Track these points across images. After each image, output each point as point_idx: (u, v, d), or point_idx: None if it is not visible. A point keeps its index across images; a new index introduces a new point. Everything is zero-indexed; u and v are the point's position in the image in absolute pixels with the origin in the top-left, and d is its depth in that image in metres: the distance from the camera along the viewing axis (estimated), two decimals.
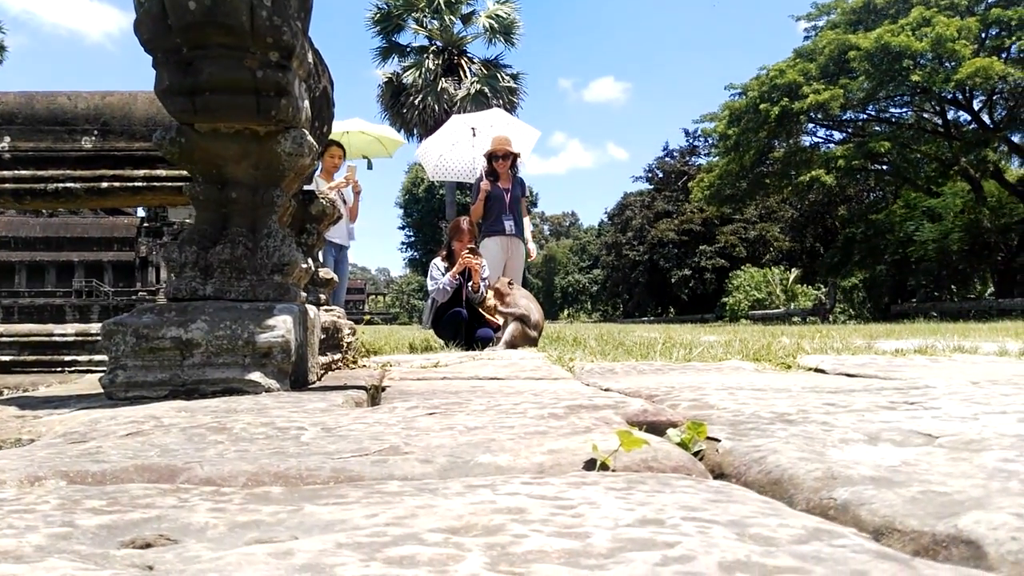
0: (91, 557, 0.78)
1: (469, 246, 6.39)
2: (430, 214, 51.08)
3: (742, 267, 38.05)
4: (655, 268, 44.15)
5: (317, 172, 7.59)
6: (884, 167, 31.06)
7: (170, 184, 4.68)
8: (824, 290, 34.17)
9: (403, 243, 57.60)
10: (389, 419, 1.84)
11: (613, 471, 1.30)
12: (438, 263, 6.50)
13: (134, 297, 21.49)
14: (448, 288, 6.23)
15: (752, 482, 1.25)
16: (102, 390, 3.13)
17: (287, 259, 3.15)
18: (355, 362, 4.73)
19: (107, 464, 1.34)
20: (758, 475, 1.27)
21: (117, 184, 4.63)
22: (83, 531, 0.87)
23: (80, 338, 5.28)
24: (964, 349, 4.33)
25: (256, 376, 2.85)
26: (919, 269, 27.60)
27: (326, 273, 4.78)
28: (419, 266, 57.28)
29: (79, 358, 5.20)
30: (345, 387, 3.10)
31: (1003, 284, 25.58)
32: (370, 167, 9.45)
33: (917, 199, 29.21)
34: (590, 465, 1.34)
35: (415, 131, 30.41)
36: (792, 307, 32.48)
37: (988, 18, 23.73)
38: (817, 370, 3.60)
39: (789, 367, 3.80)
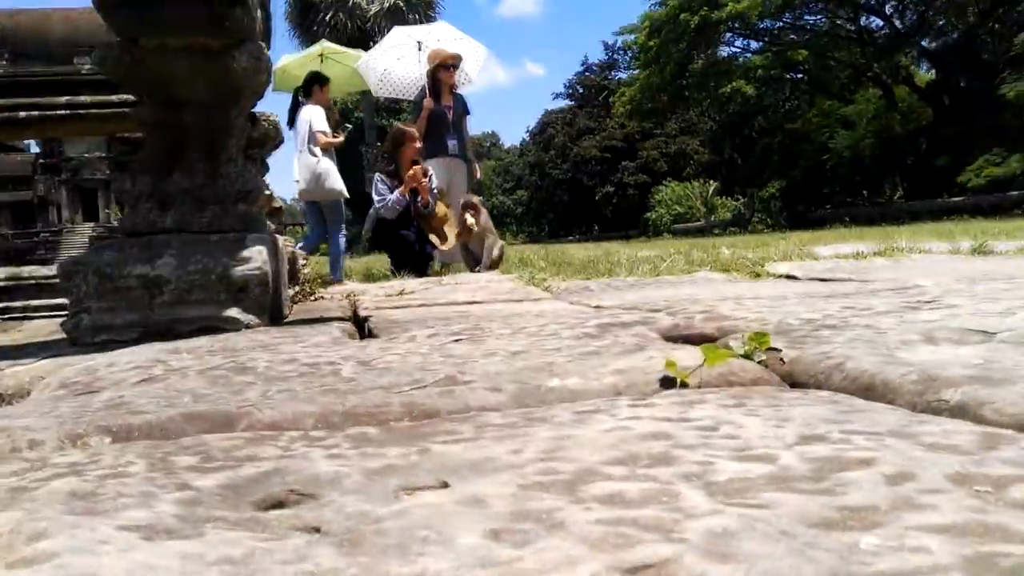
0: (243, 523, 0.68)
1: (414, 158, 6.15)
2: (346, 139, 49.49)
3: (664, 182, 38.47)
4: (579, 186, 44.17)
5: (309, 104, 7.08)
6: (800, 76, 31.57)
7: (96, 111, 4.33)
8: (743, 201, 34.97)
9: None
10: (419, 348, 1.75)
11: (697, 387, 1.25)
12: (383, 177, 6.23)
13: (35, 239, 20.33)
14: (398, 207, 6.03)
15: (839, 388, 1.22)
16: (57, 336, 2.94)
17: (251, 186, 2.97)
18: (313, 293, 4.58)
19: (148, 415, 1.22)
20: (843, 382, 1.24)
21: (36, 113, 4.27)
22: (208, 494, 0.77)
23: (11, 283, 4.91)
24: (919, 250, 4.47)
25: (234, 312, 2.70)
26: (834, 176, 28.46)
27: (276, 201, 4.57)
28: None
29: (12, 304, 4.86)
30: (324, 319, 2.97)
31: (912, 188, 26.64)
32: None
33: (831, 107, 29.88)
34: (666, 383, 1.29)
35: None
36: (713, 219, 33.15)
37: None
38: (789, 276, 3.65)
39: (759, 275, 3.84)
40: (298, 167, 6.93)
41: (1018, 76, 20.42)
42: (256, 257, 2.70)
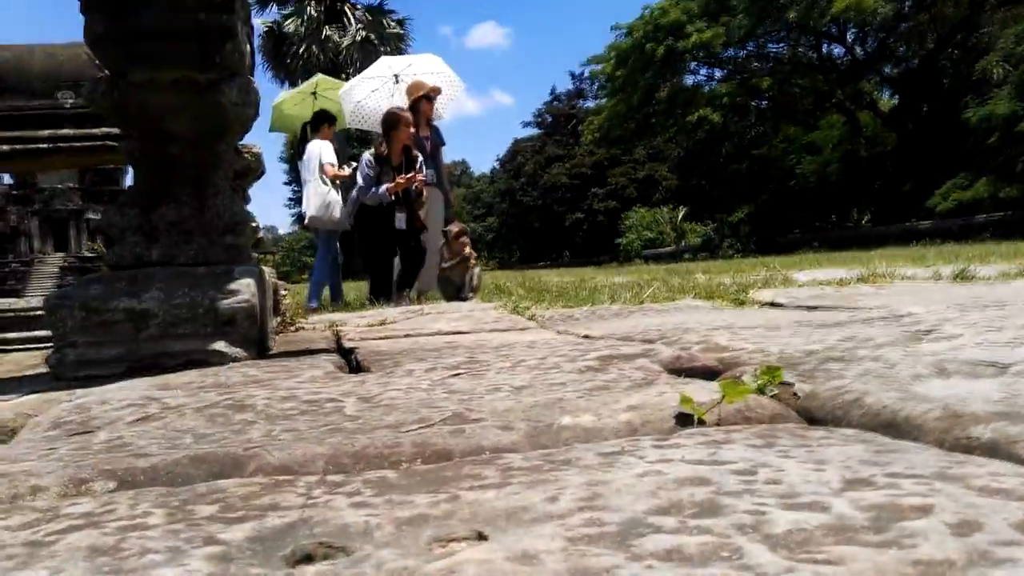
0: None
1: (406, 143, 6.08)
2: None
3: (633, 208, 38.82)
4: (549, 213, 44.47)
5: (316, 139, 7.36)
6: (765, 103, 32.16)
7: (79, 145, 4.27)
8: (712, 226, 35.37)
9: (290, 199, 55.32)
10: (420, 384, 1.72)
11: (717, 424, 1.23)
12: (369, 158, 6.06)
13: (7, 269, 19.98)
14: (380, 200, 5.90)
15: (860, 425, 1.21)
16: (40, 371, 2.86)
17: (239, 218, 2.92)
18: (293, 323, 4.51)
19: (153, 458, 1.18)
20: (864, 418, 1.23)
21: (19, 147, 4.19)
22: (237, 548, 0.73)
23: None
24: (901, 276, 4.52)
25: (221, 345, 2.64)
26: (801, 201, 28.92)
27: (259, 232, 4.51)
28: None
29: None
30: (311, 351, 2.92)
31: (879, 212, 27.12)
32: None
33: (796, 133, 30.44)
34: (682, 420, 1.27)
35: (299, 83, 29.08)
36: (683, 244, 33.47)
37: None
38: (773, 304, 3.66)
39: (743, 303, 3.84)
40: (308, 196, 7.17)
41: (980, 101, 20.94)
42: (244, 290, 2.65)
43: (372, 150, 6.18)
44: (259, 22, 29.40)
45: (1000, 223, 18.90)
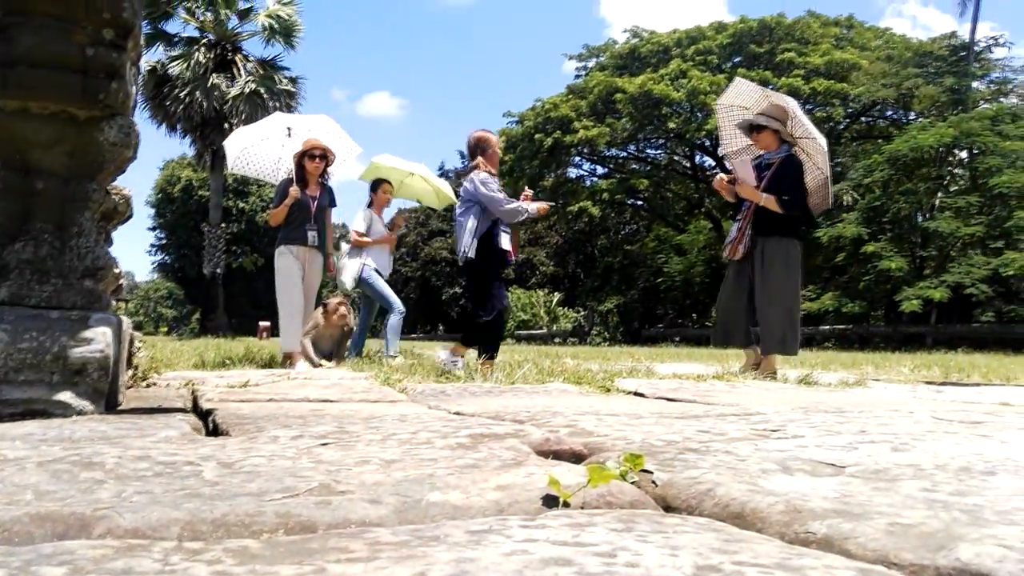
0: None
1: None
2: (186, 216, 47.63)
3: (509, 288, 39.48)
4: (427, 285, 44.60)
5: (369, 205, 7.79)
6: (640, 203, 33.92)
7: None
8: (583, 313, 36.40)
9: (153, 246, 52.68)
10: (285, 451, 1.67)
11: (581, 507, 1.27)
12: (487, 176, 5.58)
13: None
14: (518, 216, 5.50)
15: (712, 515, 1.28)
16: None
17: (102, 262, 2.79)
18: (145, 378, 4.28)
19: None
20: (715, 508, 1.30)
21: None
22: None
23: None
24: (751, 377, 4.79)
25: (66, 397, 2.48)
26: (667, 298, 30.33)
27: (122, 278, 4.28)
28: (170, 271, 53.04)
29: None
30: (165, 409, 2.78)
31: None
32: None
33: (667, 234, 32.16)
34: (548, 501, 1.30)
35: (178, 126, 28.24)
36: (555, 328, 34.15)
37: (734, 77, 26.79)
38: (636, 394, 3.79)
39: (609, 390, 3.97)
40: None
41: (831, 223, 22.86)
42: (99, 338, 2.51)
43: (480, 168, 5.70)
44: (143, 60, 28.52)
45: (842, 335, 20.45)
